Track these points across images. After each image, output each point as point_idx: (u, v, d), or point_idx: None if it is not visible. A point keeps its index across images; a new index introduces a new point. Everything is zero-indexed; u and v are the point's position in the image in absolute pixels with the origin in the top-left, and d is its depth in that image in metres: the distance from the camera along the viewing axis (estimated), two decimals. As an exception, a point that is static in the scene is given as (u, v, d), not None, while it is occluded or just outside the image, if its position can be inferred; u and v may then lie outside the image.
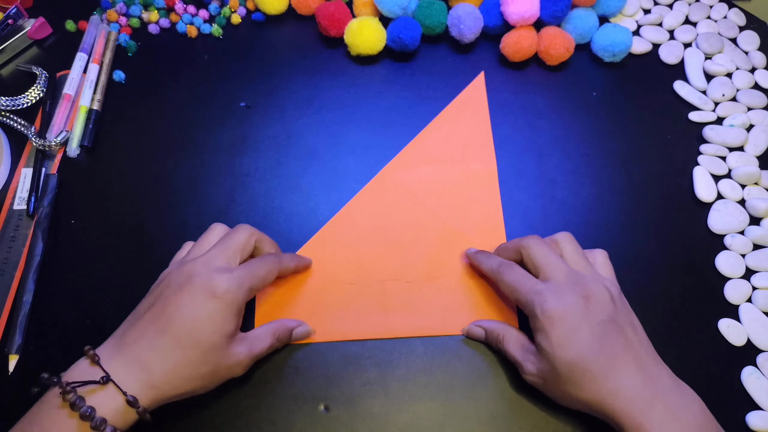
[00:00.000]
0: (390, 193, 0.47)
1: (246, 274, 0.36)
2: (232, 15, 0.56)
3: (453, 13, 0.52)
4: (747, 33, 0.57)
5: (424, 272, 0.44)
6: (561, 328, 0.34)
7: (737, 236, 0.46)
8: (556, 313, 0.34)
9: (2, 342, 0.40)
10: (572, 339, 0.34)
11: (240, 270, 0.36)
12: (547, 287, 0.36)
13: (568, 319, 0.34)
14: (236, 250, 0.37)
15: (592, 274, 0.37)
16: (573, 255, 0.38)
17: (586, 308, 0.34)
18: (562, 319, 0.34)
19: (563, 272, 0.36)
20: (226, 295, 0.34)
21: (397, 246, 0.45)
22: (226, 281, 0.34)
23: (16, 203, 0.46)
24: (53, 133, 0.48)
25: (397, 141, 0.49)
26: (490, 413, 0.39)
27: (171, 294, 0.34)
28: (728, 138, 0.50)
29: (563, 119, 0.51)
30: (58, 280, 0.43)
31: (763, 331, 0.42)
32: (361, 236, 0.45)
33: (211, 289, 0.34)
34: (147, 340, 0.33)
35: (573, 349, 0.33)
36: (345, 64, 0.53)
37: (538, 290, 0.36)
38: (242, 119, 0.50)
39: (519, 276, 0.38)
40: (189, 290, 0.34)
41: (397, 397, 0.39)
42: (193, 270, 0.35)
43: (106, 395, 0.32)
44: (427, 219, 0.46)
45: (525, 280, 0.37)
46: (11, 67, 0.53)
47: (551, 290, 0.35)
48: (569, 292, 0.35)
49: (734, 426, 0.39)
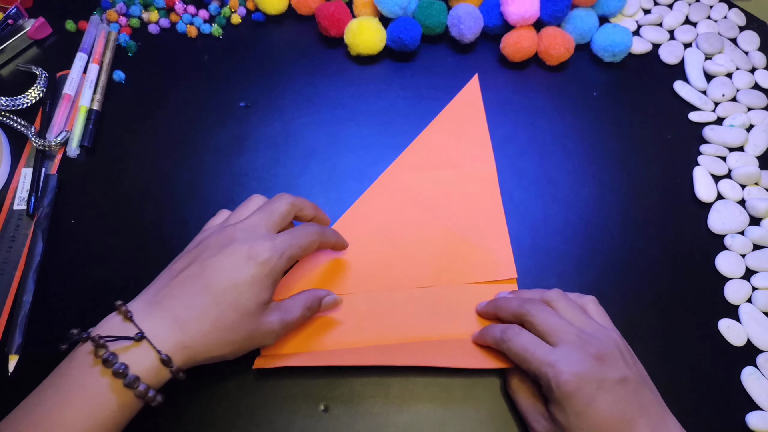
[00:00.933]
0: (390, 200, 0.46)
1: (287, 244, 0.35)
2: (232, 15, 0.56)
3: (453, 13, 0.52)
4: (747, 33, 0.57)
5: (429, 279, 0.43)
6: (577, 400, 0.33)
7: (737, 236, 0.46)
8: (571, 386, 0.33)
9: (2, 342, 0.40)
10: (589, 410, 0.32)
11: (281, 238, 0.36)
12: (559, 356, 0.34)
13: (584, 388, 0.33)
14: (277, 219, 0.37)
15: (598, 330, 0.36)
16: (570, 312, 0.37)
17: (600, 371, 0.33)
18: (578, 391, 0.33)
19: (571, 333, 0.35)
20: (267, 262, 0.34)
21: (401, 253, 0.44)
22: (269, 249, 0.34)
23: (16, 203, 0.46)
24: (53, 133, 0.48)
25: (397, 141, 0.49)
26: (490, 413, 0.39)
27: (210, 256, 0.34)
28: (728, 138, 0.50)
29: (563, 119, 0.51)
30: (58, 280, 0.43)
31: (763, 331, 0.42)
32: (362, 245, 0.44)
33: (253, 254, 0.34)
34: (185, 299, 0.33)
35: (590, 421, 0.32)
36: (345, 64, 0.53)
37: (550, 361, 0.34)
38: (242, 119, 0.50)
39: (527, 344, 0.35)
40: (231, 253, 0.34)
41: (397, 397, 0.39)
42: (235, 234, 0.35)
43: (140, 353, 0.31)
44: (429, 225, 0.45)
45: (535, 349, 0.35)
46: (11, 67, 0.53)
47: (564, 359, 0.33)
48: (582, 357, 0.34)
49: (734, 426, 0.39)
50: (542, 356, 0.34)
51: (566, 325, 0.35)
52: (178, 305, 0.33)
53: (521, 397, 0.37)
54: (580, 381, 0.33)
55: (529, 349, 0.35)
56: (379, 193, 0.47)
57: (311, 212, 0.40)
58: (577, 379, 0.33)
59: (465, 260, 0.44)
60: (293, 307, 0.37)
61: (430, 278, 0.43)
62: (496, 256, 0.44)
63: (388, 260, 0.44)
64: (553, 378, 0.33)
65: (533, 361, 0.34)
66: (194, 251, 0.36)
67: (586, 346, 0.34)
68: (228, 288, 0.33)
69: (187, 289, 0.33)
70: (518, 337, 0.36)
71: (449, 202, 0.46)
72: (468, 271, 0.43)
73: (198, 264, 0.34)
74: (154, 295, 0.34)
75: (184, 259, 0.36)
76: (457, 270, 0.43)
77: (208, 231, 0.38)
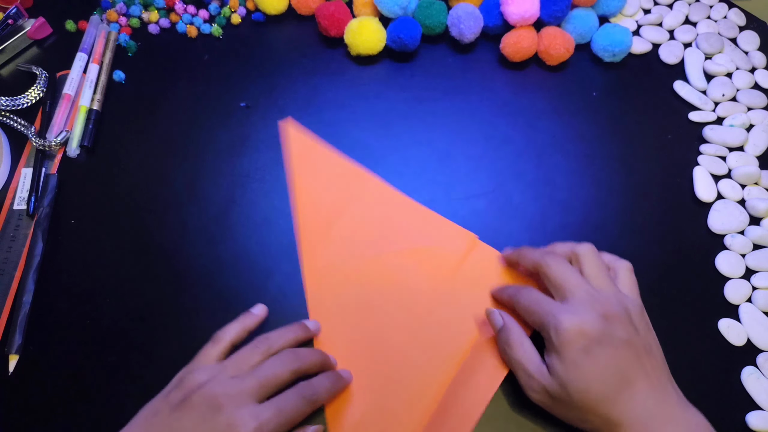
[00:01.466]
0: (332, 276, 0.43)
1: (273, 423, 0.32)
2: (232, 15, 0.56)
3: (453, 13, 0.52)
4: (747, 33, 0.57)
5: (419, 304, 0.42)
6: (575, 349, 0.33)
7: (737, 236, 0.46)
8: (571, 334, 0.33)
9: (2, 342, 0.40)
10: (587, 361, 0.33)
11: (267, 414, 0.32)
12: (564, 308, 0.34)
13: (584, 339, 0.33)
14: (273, 389, 0.34)
15: (613, 292, 0.35)
16: (594, 270, 0.36)
17: (603, 328, 0.33)
18: (577, 340, 0.33)
19: (583, 290, 0.35)
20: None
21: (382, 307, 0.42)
22: (252, 430, 0.31)
23: (16, 203, 0.46)
24: (53, 133, 0.48)
25: (397, 141, 0.49)
26: (490, 413, 0.39)
27: (186, 422, 0.32)
28: (728, 138, 0.50)
29: (563, 119, 0.51)
30: (58, 280, 0.43)
31: (763, 331, 0.42)
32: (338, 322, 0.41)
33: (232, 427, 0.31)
34: None
35: (587, 373, 0.33)
36: (345, 64, 0.53)
37: (554, 312, 0.34)
38: (242, 119, 0.50)
39: (535, 298, 0.36)
40: (212, 426, 0.31)
41: (397, 397, 0.39)
42: (221, 402, 0.32)
43: None
44: (386, 261, 0.43)
45: (542, 302, 0.36)
46: (11, 67, 0.53)
47: (568, 310, 0.34)
48: (587, 311, 0.34)
49: (734, 426, 0.39)
50: (548, 307, 0.35)
51: (580, 282, 0.35)
52: None
53: (520, 355, 0.36)
54: (581, 331, 0.33)
55: (537, 302, 0.36)
56: (317, 272, 0.44)
57: (316, 371, 0.37)
58: (579, 329, 0.33)
59: (431, 260, 0.43)
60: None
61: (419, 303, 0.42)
62: (448, 236, 0.44)
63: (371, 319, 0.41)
64: (554, 326, 0.33)
65: (539, 312, 0.35)
66: (176, 412, 0.33)
67: (594, 304, 0.34)
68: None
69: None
70: (528, 292, 0.37)
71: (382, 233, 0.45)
72: (440, 263, 0.43)
73: (178, 428, 0.32)
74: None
75: (163, 414, 0.33)
76: (432, 272, 0.43)
77: (196, 372, 0.35)
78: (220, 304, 0.42)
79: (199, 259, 0.44)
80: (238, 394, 0.33)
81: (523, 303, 0.37)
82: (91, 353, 0.40)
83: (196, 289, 0.43)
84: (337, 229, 0.45)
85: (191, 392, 0.33)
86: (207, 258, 0.44)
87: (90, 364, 0.40)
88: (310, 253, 0.44)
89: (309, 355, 0.37)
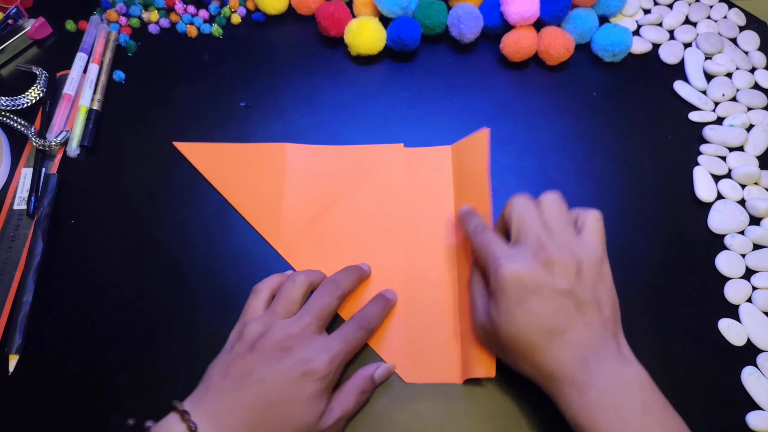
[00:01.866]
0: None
1: (343, 353, 0.35)
2: (232, 15, 0.56)
3: (453, 13, 0.52)
4: (747, 33, 0.57)
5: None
6: (509, 296, 0.33)
7: (737, 236, 0.46)
8: (508, 282, 0.33)
9: (2, 342, 0.40)
10: (518, 310, 0.33)
11: (336, 346, 0.35)
12: (509, 253, 0.34)
13: (519, 287, 0.33)
14: (328, 318, 0.37)
15: (566, 239, 0.34)
16: (552, 215, 0.36)
17: (542, 276, 0.33)
18: (513, 287, 0.33)
19: (534, 235, 0.34)
20: (326, 378, 0.34)
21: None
22: (326, 364, 0.34)
23: (16, 203, 0.46)
24: (53, 133, 0.48)
25: (397, 141, 0.49)
26: (490, 413, 0.39)
27: (267, 367, 0.34)
28: (728, 138, 0.50)
29: (563, 119, 0.51)
30: (58, 280, 0.43)
31: (763, 331, 0.42)
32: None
33: (311, 371, 0.33)
34: (241, 413, 0.32)
35: (517, 321, 0.33)
36: (345, 64, 0.53)
37: (498, 255, 0.34)
38: (242, 119, 0.50)
39: (488, 240, 0.36)
40: (288, 369, 0.33)
41: (397, 397, 0.39)
42: (290, 344, 0.34)
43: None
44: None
45: (491, 245, 0.35)
46: (11, 67, 0.53)
47: (512, 256, 0.34)
48: (529, 258, 0.33)
49: (734, 426, 0.39)
50: (495, 251, 0.35)
51: (534, 226, 0.35)
52: (234, 420, 0.32)
53: (474, 290, 0.38)
54: (517, 279, 0.33)
55: (487, 244, 0.36)
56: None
57: (357, 285, 0.41)
58: (515, 276, 0.33)
59: (380, 185, 0.46)
60: (346, 399, 0.36)
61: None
62: (382, 158, 0.48)
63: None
64: (494, 271, 0.34)
65: (486, 255, 0.35)
66: (249, 357, 0.34)
67: (540, 251, 0.33)
68: (284, 406, 0.33)
69: (242, 403, 0.33)
70: (483, 233, 0.37)
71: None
72: (387, 183, 0.47)
73: (256, 377, 0.33)
74: (211, 402, 0.33)
75: (238, 362, 0.34)
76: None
77: (252, 324, 0.36)
78: (220, 304, 0.42)
79: (199, 259, 0.44)
80: (302, 332, 0.35)
81: (476, 243, 0.37)
82: (91, 353, 0.40)
83: (196, 289, 0.43)
84: (287, 206, 0.46)
85: (255, 341, 0.35)
86: (207, 257, 0.44)
87: (90, 364, 0.40)
88: (276, 238, 0.45)
89: (346, 276, 0.40)
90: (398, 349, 0.41)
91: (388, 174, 0.47)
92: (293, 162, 0.47)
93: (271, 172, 0.47)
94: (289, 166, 0.47)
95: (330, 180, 0.47)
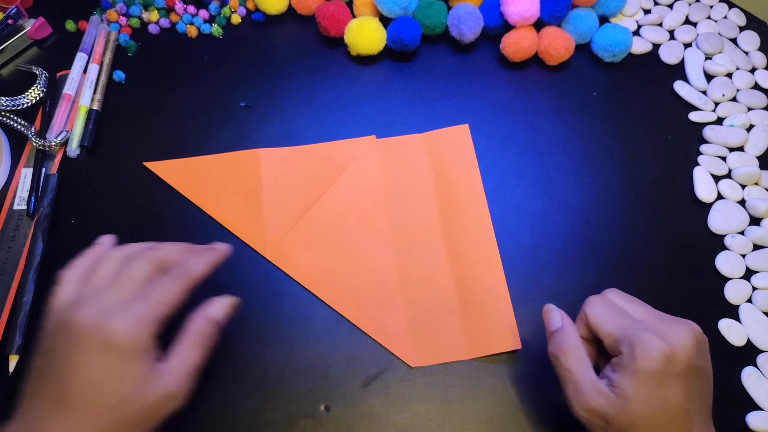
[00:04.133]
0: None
1: (146, 311, 0.30)
2: (232, 15, 0.56)
3: (453, 13, 0.52)
4: (747, 33, 0.57)
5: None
6: (656, 376, 0.30)
7: (737, 236, 0.46)
8: (657, 359, 0.30)
9: (2, 342, 0.40)
10: (659, 392, 0.30)
11: (136, 306, 0.30)
12: (650, 327, 0.31)
13: (669, 366, 0.30)
14: (137, 287, 0.31)
15: (674, 318, 0.33)
16: (635, 303, 0.34)
17: (691, 357, 0.31)
18: (661, 366, 0.30)
19: (651, 313, 0.33)
20: (126, 343, 0.28)
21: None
22: (124, 328, 0.29)
23: (16, 203, 0.46)
24: (53, 133, 0.48)
25: (397, 141, 0.49)
26: (489, 414, 0.39)
27: (58, 354, 0.29)
28: (728, 138, 0.50)
29: (563, 119, 0.51)
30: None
31: (763, 331, 0.42)
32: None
33: (106, 340, 0.28)
34: (51, 421, 0.28)
35: (660, 404, 0.30)
36: (345, 64, 0.53)
37: (639, 327, 0.31)
38: (242, 119, 0.50)
39: (614, 308, 0.33)
40: (81, 347, 0.28)
41: (397, 397, 0.39)
42: (80, 318, 0.29)
43: None
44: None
45: (623, 314, 0.33)
46: (11, 67, 0.53)
47: (655, 331, 0.31)
48: (676, 335, 0.31)
49: (734, 426, 0.39)
50: (632, 321, 0.32)
51: (640, 306, 0.34)
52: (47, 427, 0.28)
53: (572, 361, 0.33)
54: (670, 356, 0.30)
55: (617, 312, 0.33)
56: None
57: (174, 254, 0.34)
58: (668, 354, 0.30)
59: (358, 177, 0.47)
60: (184, 355, 0.31)
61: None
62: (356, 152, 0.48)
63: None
64: (640, 344, 0.30)
65: (621, 323, 0.32)
66: (44, 351, 0.30)
67: (676, 328, 0.32)
68: (90, 392, 0.28)
69: (48, 409, 0.28)
70: (605, 302, 0.34)
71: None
72: (365, 174, 0.47)
73: (46, 369, 0.29)
74: (24, 419, 0.29)
75: (38, 360, 0.30)
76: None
77: (57, 312, 0.31)
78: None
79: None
80: (97, 303, 0.30)
81: (596, 310, 0.33)
82: (91, 353, 0.40)
83: (196, 287, 0.43)
84: (267, 211, 0.45)
85: (52, 332, 0.31)
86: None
87: (90, 364, 0.40)
88: (262, 245, 0.44)
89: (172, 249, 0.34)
90: (399, 335, 0.41)
91: (365, 166, 0.47)
92: (268, 166, 0.47)
93: (248, 180, 0.46)
94: (265, 171, 0.47)
95: (307, 179, 0.47)
